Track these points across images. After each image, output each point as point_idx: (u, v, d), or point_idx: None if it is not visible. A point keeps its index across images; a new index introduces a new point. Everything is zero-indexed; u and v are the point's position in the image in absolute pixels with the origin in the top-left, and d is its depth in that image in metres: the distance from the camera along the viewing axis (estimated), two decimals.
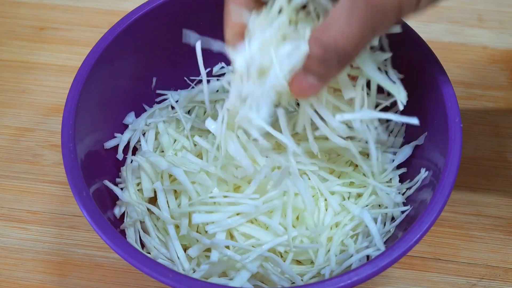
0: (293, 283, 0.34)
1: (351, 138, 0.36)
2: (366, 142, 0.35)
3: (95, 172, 0.36)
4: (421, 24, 0.53)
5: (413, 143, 0.38)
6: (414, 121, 0.29)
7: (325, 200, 0.37)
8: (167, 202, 0.37)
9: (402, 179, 0.39)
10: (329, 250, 0.35)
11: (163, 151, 0.40)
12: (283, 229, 0.35)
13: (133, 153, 0.41)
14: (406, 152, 0.38)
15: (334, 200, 0.37)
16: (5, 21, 0.55)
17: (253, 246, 0.34)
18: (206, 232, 0.36)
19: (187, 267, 0.35)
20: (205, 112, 0.42)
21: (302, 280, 0.34)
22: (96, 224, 0.30)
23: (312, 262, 0.35)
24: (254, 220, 0.35)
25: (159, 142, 0.40)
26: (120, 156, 0.40)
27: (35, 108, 0.48)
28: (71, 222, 0.42)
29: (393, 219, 0.37)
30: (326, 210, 0.36)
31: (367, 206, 0.37)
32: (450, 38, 0.53)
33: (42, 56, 0.52)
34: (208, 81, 0.46)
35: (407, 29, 0.37)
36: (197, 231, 0.36)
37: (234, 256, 0.33)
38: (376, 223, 0.36)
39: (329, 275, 0.34)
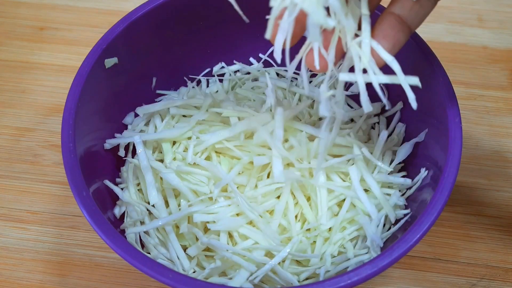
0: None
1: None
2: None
3: (95, 172, 0.36)
4: (421, 24, 0.53)
5: (413, 140, 0.38)
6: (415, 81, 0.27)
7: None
8: (167, 202, 0.37)
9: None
10: (325, 252, 0.35)
11: (161, 152, 0.40)
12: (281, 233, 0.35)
13: (133, 153, 0.41)
14: (406, 149, 0.38)
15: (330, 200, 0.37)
16: (5, 21, 0.55)
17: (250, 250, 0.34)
18: (206, 232, 0.36)
19: (187, 267, 0.35)
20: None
21: (299, 279, 0.35)
22: (96, 224, 0.30)
23: None
24: (254, 223, 0.35)
25: (158, 143, 0.40)
26: (122, 153, 0.40)
27: (35, 108, 0.48)
28: (71, 222, 0.42)
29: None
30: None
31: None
32: (450, 38, 0.53)
33: (42, 56, 0.52)
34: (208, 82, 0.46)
35: None
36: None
37: (232, 257, 0.33)
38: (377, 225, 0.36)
39: (323, 274, 0.34)
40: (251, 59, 0.46)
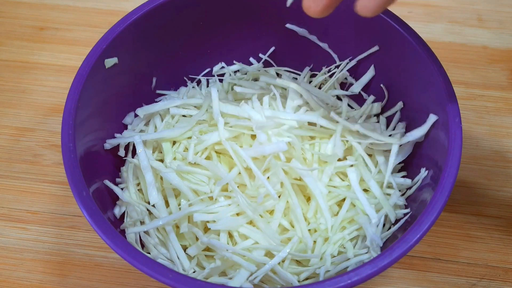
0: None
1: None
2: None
3: (95, 172, 0.36)
4: (421, 24, 0.53)
5: (413, 141, 0.38)
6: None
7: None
8: (167, 201, 0.37)
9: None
10: (325, 252, 0.35)
11: (161, 152, 0.40)
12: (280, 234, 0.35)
13: (133, 153, 0.41)
14: (406, 149, 0.38)
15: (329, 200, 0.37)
16: (5, 21, 0.55)
17: (250, 250, 0.34)
18: (206, 232, 0.36)
19: (187, 267, 0.35)
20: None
21: (299, 279, 0.35)
22: (96, 224, 0.30)
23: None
24: (254, 223, 0.35)
25: (158, 143, 0.40)
26: (122, 153, 0.40)
27: (35, 108, 0.48)
28: (71, 222, 0.42)
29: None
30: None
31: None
32: (450, 38, 0.53)
33: (42, 56, 0.52)
34: (208, 82, 0.46)
35: (407, 29, 0.37)
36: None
37: (232, 257, 0.33)
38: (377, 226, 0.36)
39: (323, 274, 0.34)
40: (251, 59, 0.46)
